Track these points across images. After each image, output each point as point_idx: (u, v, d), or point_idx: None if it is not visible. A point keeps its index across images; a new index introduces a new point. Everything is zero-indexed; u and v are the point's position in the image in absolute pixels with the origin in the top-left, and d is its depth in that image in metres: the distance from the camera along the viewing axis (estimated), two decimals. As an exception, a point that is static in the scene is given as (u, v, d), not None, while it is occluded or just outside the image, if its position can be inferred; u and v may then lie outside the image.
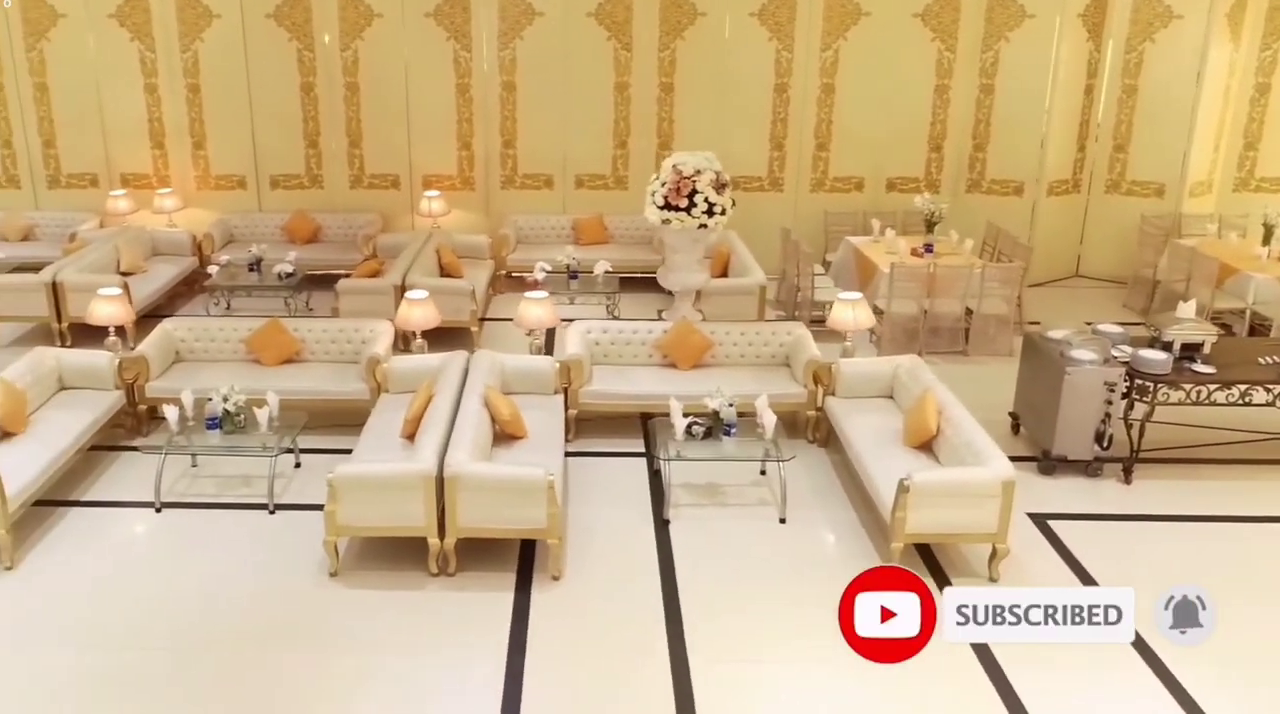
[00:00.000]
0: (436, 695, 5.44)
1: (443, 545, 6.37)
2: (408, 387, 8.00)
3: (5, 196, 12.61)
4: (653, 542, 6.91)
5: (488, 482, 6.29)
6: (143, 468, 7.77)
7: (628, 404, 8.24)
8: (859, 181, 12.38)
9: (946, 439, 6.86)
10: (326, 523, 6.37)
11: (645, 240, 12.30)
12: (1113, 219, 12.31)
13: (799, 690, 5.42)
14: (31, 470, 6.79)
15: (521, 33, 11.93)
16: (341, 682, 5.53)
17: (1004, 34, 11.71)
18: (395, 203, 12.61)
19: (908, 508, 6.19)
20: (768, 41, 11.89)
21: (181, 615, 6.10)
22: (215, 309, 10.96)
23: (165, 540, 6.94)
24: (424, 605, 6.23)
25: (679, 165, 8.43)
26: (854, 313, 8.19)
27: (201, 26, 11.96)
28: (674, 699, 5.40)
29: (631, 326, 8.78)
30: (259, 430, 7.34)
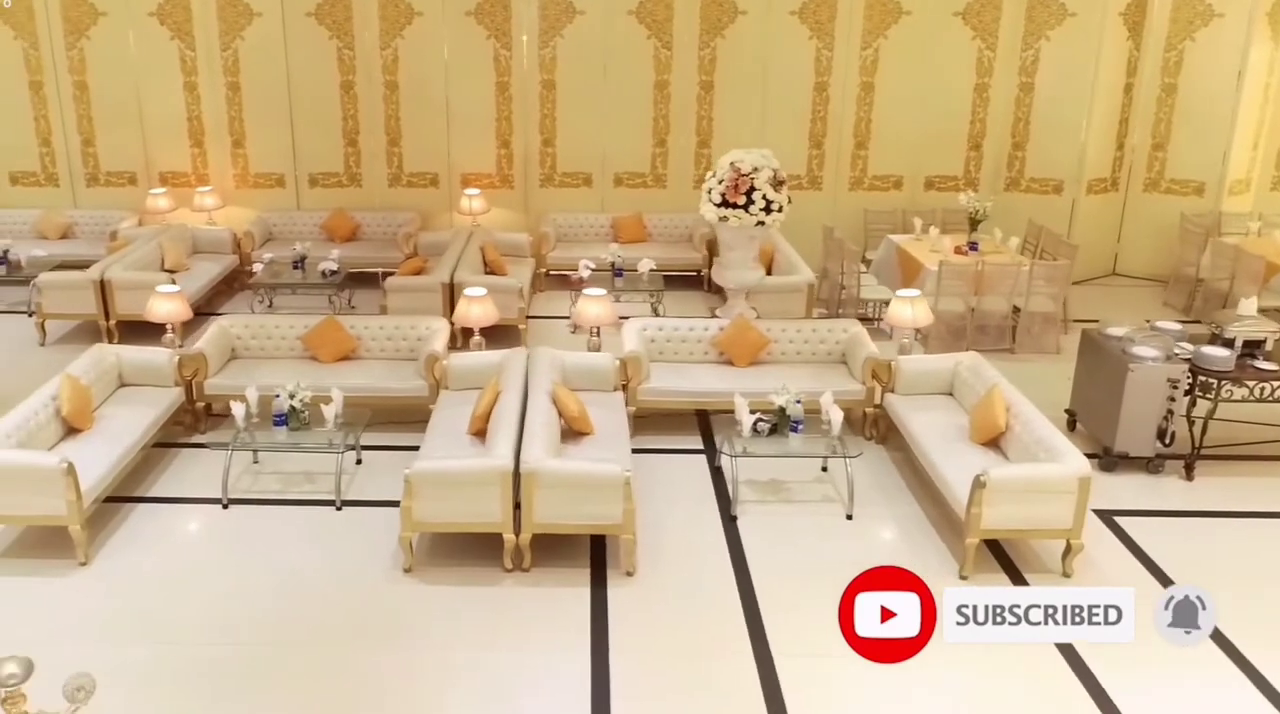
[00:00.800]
0: (526, 692, 5.45)
1: (518, 541, 6.39)
2: (467, 384, 8.02)
3: (44, 194, 12.61)
4: (722, 537, 6.93)
5: (565, 478, 6.31)
6: (203, 464, 7.82)
7: (686, 401, 8.26)
8: (898, 180, 12.40)
9: (1016, 436, 6.88)
10: (403, 519, 6.39)
11: (684, 238, 12.33)
12: (1151, 218, 12.33)
13: (886, 685, 5.41)
14: (101, 467, 6.81)
15: (562, 31, 11.94)
16: (429, 678, 5.55)
17: (1044, 32, 11.72)
18: (434, 201, 12.62)
19: (983, 504, 6.20)
20: (808, 40, 11.91)
21: (259, 611, 6.13)
22: (259, 307, 10.98)
23: (235, 537, 6.95)
24: (502, 601, 6.24)
25: (737, 163, 8.45)
26: (913, 310, 8.20)
27: (242, 25, 11.98)
28: (761, 693, 5.43)
29: (687, 324, 8.80)
30: (323, 427, 7.35)
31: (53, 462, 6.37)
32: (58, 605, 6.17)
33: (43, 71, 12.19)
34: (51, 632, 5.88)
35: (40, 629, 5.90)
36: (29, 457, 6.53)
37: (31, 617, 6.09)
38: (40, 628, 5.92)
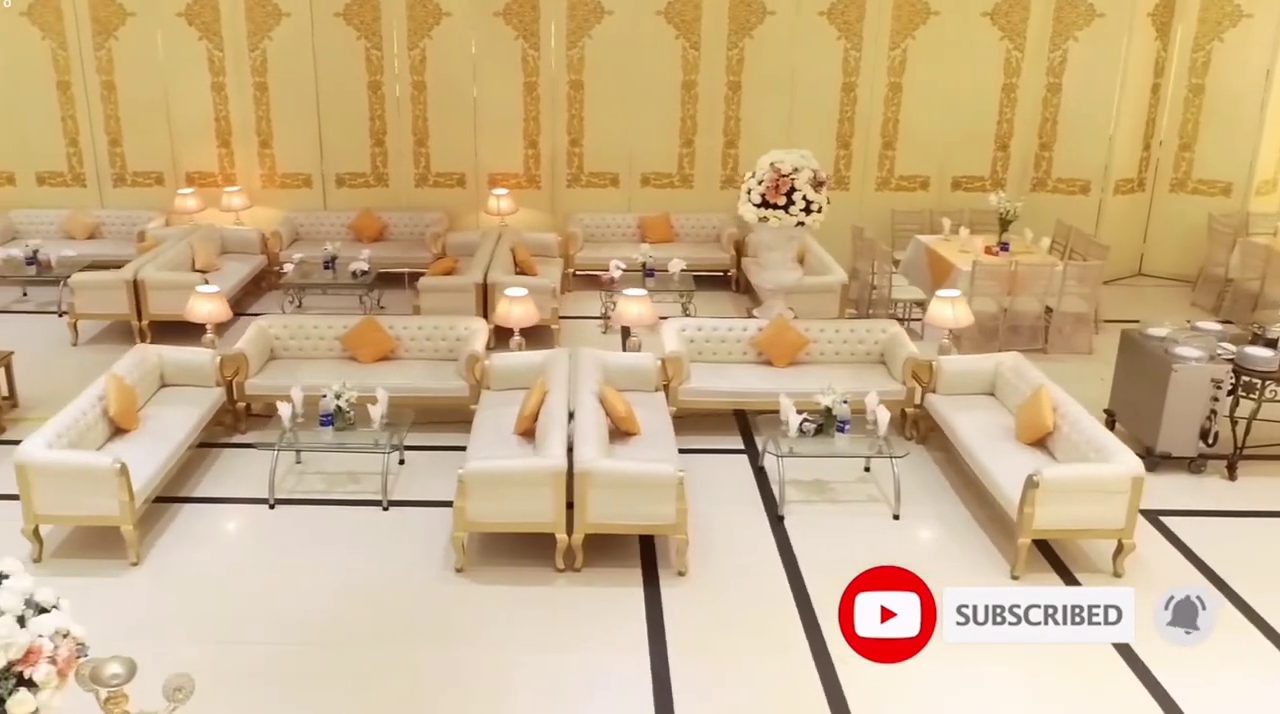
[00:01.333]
0: (588, 692, 5.46)
1: (570, 541, 6.40)
2: (509, 384, 8.03)
3: (71, 195, 12.63)
4: (770, 537, 6.95)
5: (618, 478, 6.33)
6: (245, 464, 7.84)
7: (727, 401, 8.28)
8: (924, 180, 12.42)
9: (1064, 436, 6.89)
10: (456, 518, 6.40)
11: (712, 238, 12.34)
12: (1177, 218, 12.34)
13: (943, 681, 5.43)
14: (151, 467, 6.82)
15: (590, 31, 11.95)
16: (490, 677, 5.56)
17: (1072, 33, 11.74)
18: (460, 201, 12.63)
19: (1036, 503, 6.22)
20: (836, 40, 11.92)
21: (313, 611, 6.14)
22: (289, 307, 10.99)
23: (284, 537, 6.97)
24: (556, 601, 6.26)
25: (777, 163, 8.46)
26: (953, 310, 8.21)
27: (270, 25, 11.99)
28: (823, 692, 5.44)
29: (726, 324, 8.82)
30: (368, 427, 7.36)
31: (106, 462, 6.39)
32: (111, 605, 6.16)
33: (70, 71, 12.20)
34: (107, 632, 5.81)
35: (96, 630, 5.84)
36: (83, 457, 6.55)
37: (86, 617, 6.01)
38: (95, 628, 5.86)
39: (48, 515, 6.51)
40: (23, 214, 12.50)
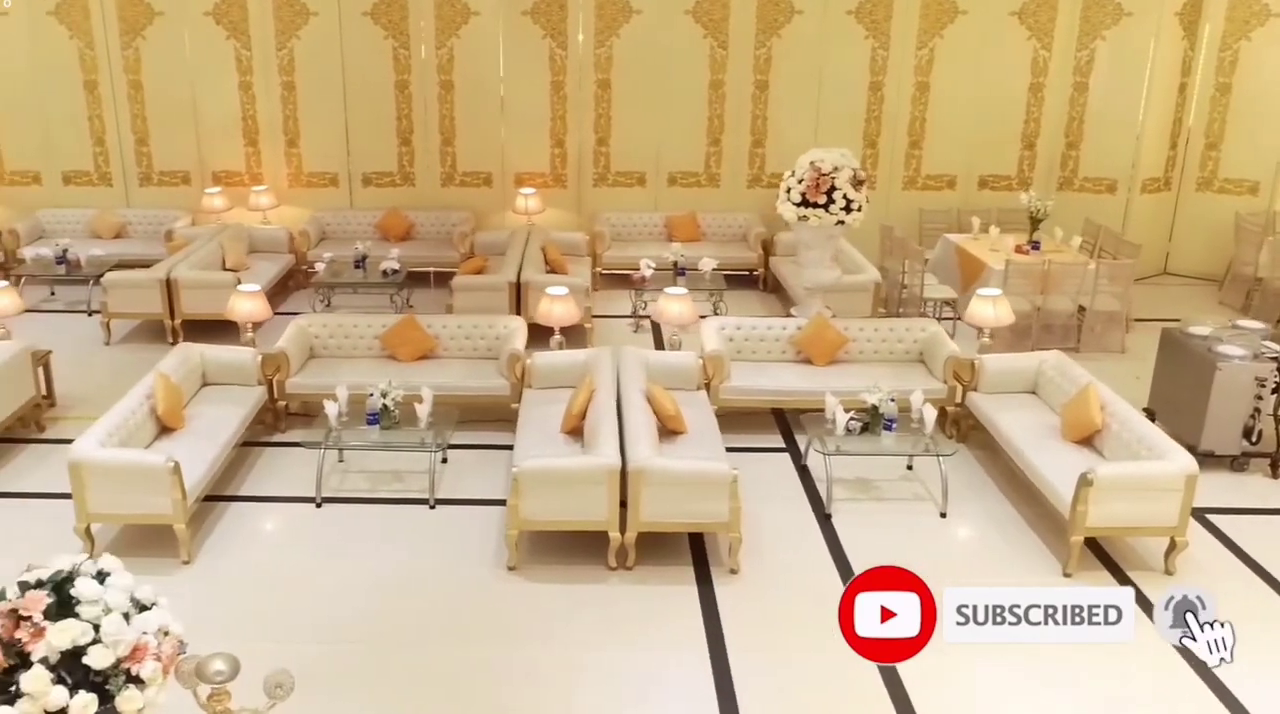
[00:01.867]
0: (651, 688, 5.48)
1: (623, 540, 6.41)
2: (551, 382, 8.05)
3: (97, 194, 12.63)
4: (819, 535, 6.97)
5: (673, 476, 6.34)
6: (287, 463, 7.85)
7: (768, 400, 8.30)
8: (951, 179, 12.43)
9: (1113, 434, 6.91)
10: (509, 516, 6.41)
11: (738, 238, 12.35)
12: (1203, 216, 12.36)
13: (1005, 677, 5.45)
14: (201, 466, 6.83)
15: (618, 30, 11.96)
16: (554, 674, 5.57)
17: (1100, 32, 11.75)
18: (487, 200, 12.64)
19: (1089, 501, 6.23)
20: (864, 40, 11.93)
21: (368, 609, 6.15)
22: (319, 306, 11.00)
23: (333, 535, 6.97)
24: (610, 599, 6.27)
25: (818, 162, 8.48)
26: (994, 309, 8.22)
27: (298, 24, 11.99)
28: (885, 689, 5.45)
29: (765, 323, 8.83)
30: (413, 426, 7.37)
31: (160, 461, 6.40)
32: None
33: (97, 71, 12.20)
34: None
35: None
36: (137, 456, 6.56)
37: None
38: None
39: (100, 514, 6.52)
40: (49, 214, 12.50)
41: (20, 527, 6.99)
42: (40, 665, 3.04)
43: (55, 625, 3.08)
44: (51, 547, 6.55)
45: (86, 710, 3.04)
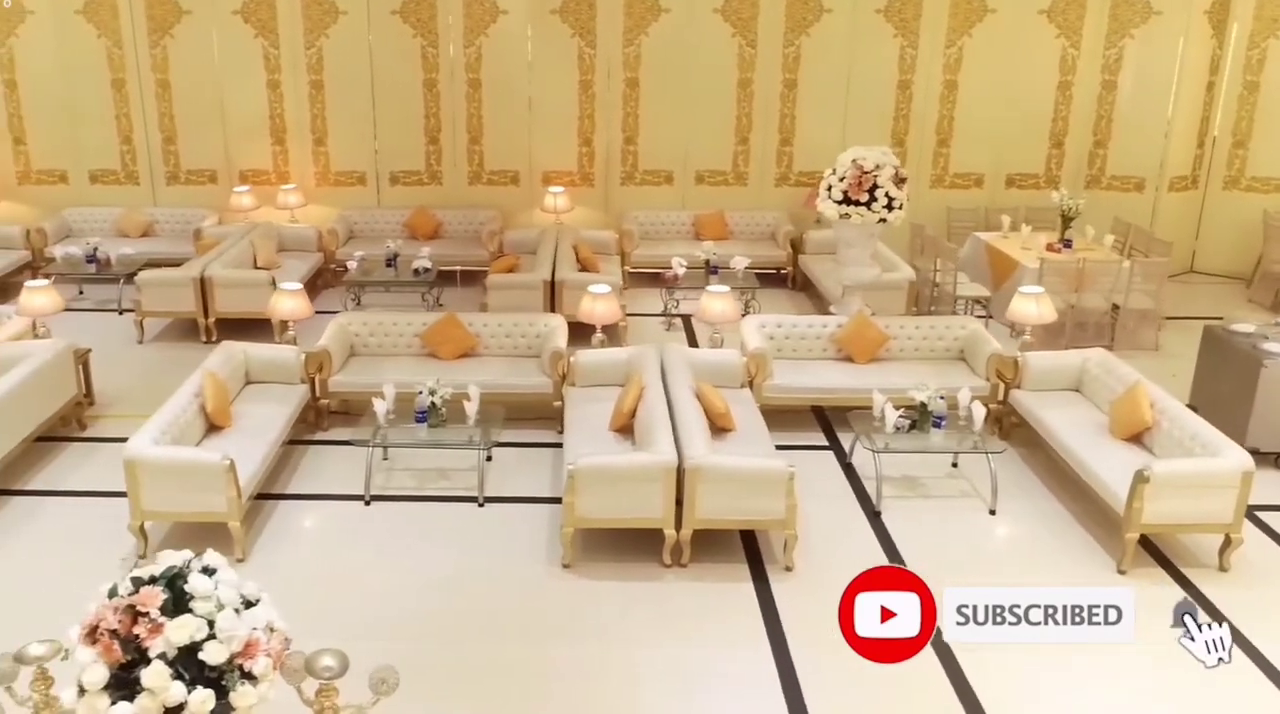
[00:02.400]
0: (716, 686, 5.48)
1: (679, 537, 6.42)
2: (594, 380, 8.06)
3: (124, 193, 12.63)
4: (870, 532, 6.98)
5: (729, 474, 6.34)
6: (332, 461, 7.86)
7: (811, 397, 8.31)
8: (979, 178, 12.45)
9: (1164, 431, 6.92)
10: (565, 514, 6.42)
11: (766, 236, 12.36)
12: (1230, 215, 12.38)
13: (1069, 673, 5.46)
14: (251, 464, 6.83)
15: (647, 29, 11.98)
16: (617, 672, 5.58)
17: (1129, 31, 11.78)
18: (514, 199, 12.65)
19: (1145, 498, 6.24)
20: (893, 38, 11.95)
21: (425, 607, 6.14)
22: (350, 304, 11.00)
23: (384, 533, 6.97)
24: (667, 596, 6.27)
25: (859, 160, 8.48)
26: (1038, 307, 8.24)
27: (327, 23, 12.00)
28: (951, 686, 5.46)
29: (806, 321, 8.85)
30: (460, 424, 7.37)
31: (216, 458, 6.40)
32: (223, 601, 6.19)
33: (125, 69, 12.21)
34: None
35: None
36: (193, 454, 6.57)
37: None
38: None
39: (154, 512, 6.52)
40: (76, 212, 12.51)
41: (69, 525, 7.00)
42: (159, 661, 3.04)
43: (173, 621, 3.08)
44: (103, 545, 6.67)
45: (204, 706, 3.05)
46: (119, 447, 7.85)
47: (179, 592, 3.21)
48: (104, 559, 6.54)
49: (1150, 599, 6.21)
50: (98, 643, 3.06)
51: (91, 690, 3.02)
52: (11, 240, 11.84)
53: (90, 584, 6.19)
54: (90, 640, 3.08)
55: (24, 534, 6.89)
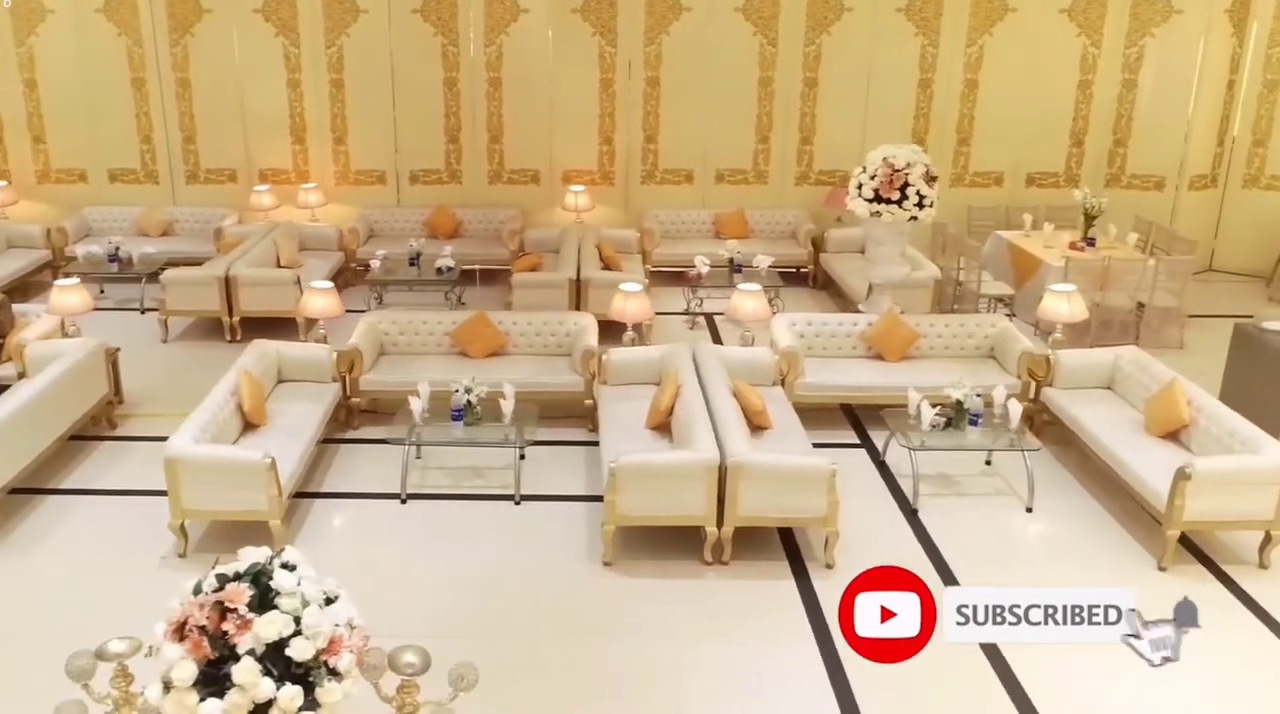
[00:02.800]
0: (766, 683, 5.48)
1: (720, 534, 6.42)
2: (626, 379, 8.06)
3: (143, 192, 12.61)
4: (908, 529, 6.99)
5: (771, 471, 6.35)
6: (365, 459, 7.86)
7: (842, 396, 8.32)
8: (998, 176, 12.47)
9: (1202, 428, 6.93)
10: (606, 512, 6.42)
11: (787, 235, 12.37)
12: (1249, 213, 12.41)
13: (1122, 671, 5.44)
14: (290, 462, 6.83)
15: (668, 28, 11.98)
16: (666, 670, 5.57)
17: (1149, 29, 11.79)
18: (534, 198, 12.64)
19: (1186, 496, 6.25)
20: (913, 37, 11.96)
21: (467, 605, 6.14)
22: (373, 303, 11.00)
23: (421, 531, 6.97)
24: (708, 594, 6.28)
25: (890, 158, 8.49)
26: (1069, 305, 8.25)
27: (348, 22, 11.99)
28: (999, 682, 5.48)
29: (835, 319, 8.86)
30: (495, 422, 7.36)
31: (257, 457, 6.40)
32: (265, 600, 6.18)
33: (145, 68, 12.18)
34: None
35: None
36: (235, 452, 6.58)
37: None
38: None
39: (195, 510, 6.52)
40: (95, 211, 12.48)
41: (106, 524, 7.00)
42: (249, 657, 3.04)
43: (262, 617, 3.08)
44: (141, 544, 6.67)
45: (293, 703, 3.05)
46: (151, 445, 7.91)
47: (263, 588, 3.20)
48: (143, 558, 6.57)
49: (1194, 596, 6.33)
50: (186, 639, 3.05)
51: (180, 686, 3.02)
52: (32, 239, 11.83)
53: (132, 582, 6.27)
54: (178, 637, 3.08)
55: (61, 533, 6.89)
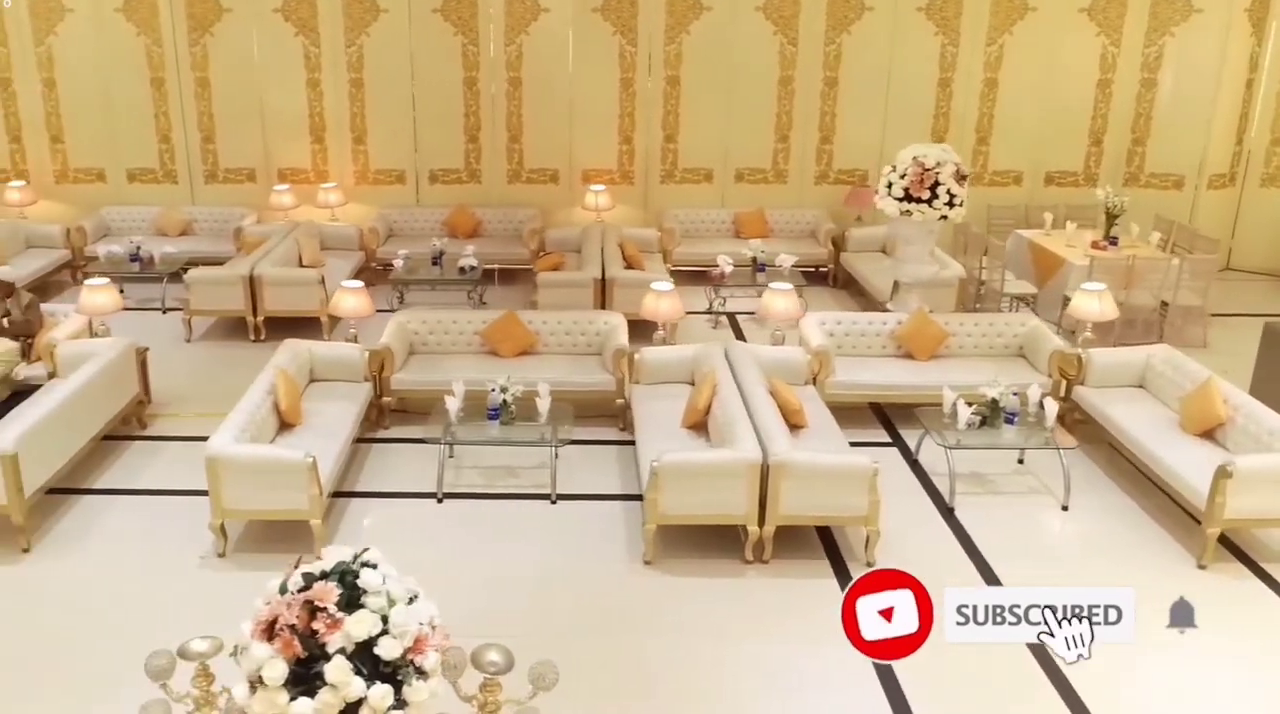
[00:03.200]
0: (806, 683, 5.48)
1: (761, 533, 6.43)
2: (659, 378, 8.07)
3: (162, 191, 12.60)
4: (945, 528, 7.00)
5: (813, 470, 6.36)
6: (396, 459, 7.86)
7: (874, 394, 8.33)
8: (1017, 175, 12.49)
9: (1239, 426, 6.95)
10: (647, 511, 6.43)
11: (806, 234, 12.38)
12: (1267, 212, 12.45)
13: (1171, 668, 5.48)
14: (328, 461, 6.82)
15: (688, 27, 11.98)
16: (702, 669, 5.57)
17: (1169, 29, 11.82)
18: (553, 197, 12.64)
19: (1227, 494, 6.27)
20: (933, 36, 11.98)
21: (510, 604, 6.13)
22: (395, 303, 10.99)
23: (459, 530, 6.97)
24: (749, 592, 6.30)
25: (920, 157, 8.51)
26: (1100, 304, 8.27)
27: (368, 21, 11.98)
28: (1047, 679, 5.48)
29: (865, 318, 8.88)
30: (529, 421, 7.37)
31: (299, 456, 6.40)
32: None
33: (164, 68, 12.17)
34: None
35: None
36: (276, 452, 6.57)
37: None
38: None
39: (235, 510, 6.51)
40: (114, 211, 12.47)
41: (143, 524, 7.00)
42: (339, 656, 3.04)
43: (352, 616, 3.08)
44: (179, 543, 6.67)
45: (384, 702, 3.04)
46: (182, 445, 7.93)
47: (349, 586, 3.20)
48: (183, 557, 6.57)
49: (1235, 593, 6.37)
50: (276, 638, 3.05)
51: (271, 686, 3.02)
52: (51, 239, 11.81)
53: (173, 582, 6.26)
54: (267, 636, 3.07)
55: (98, 533, 6.88)
